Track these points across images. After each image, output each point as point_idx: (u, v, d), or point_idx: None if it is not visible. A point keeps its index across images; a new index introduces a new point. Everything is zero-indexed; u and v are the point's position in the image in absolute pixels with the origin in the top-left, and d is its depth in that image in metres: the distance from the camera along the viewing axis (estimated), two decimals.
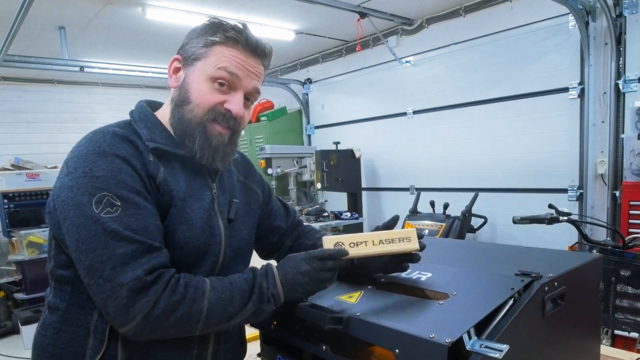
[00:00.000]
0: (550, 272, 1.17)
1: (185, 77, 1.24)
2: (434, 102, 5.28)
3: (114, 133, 1.14)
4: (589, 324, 1.42)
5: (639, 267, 2.13)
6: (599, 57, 3.90)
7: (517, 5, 4.46)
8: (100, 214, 1.04)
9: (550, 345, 1.18)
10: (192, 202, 1.22)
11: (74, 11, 4.43)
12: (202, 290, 1.10)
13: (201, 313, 1.09)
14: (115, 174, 1.08)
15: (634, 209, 3.46)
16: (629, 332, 2.31)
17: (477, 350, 0.92)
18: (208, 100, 1.21)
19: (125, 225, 1.06)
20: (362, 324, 1.08)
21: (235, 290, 1.14)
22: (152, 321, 1.04)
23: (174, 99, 1.25)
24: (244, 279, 1.17)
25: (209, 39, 1.21)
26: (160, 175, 1.17)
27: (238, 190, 1.42)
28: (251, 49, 1.23)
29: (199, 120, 1.21)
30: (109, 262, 1.03)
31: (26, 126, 6.91)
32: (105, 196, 1.06)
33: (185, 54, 1.24)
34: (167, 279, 1.07)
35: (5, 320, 5.68)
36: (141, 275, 1.03)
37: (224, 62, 1.20)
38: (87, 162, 1.08)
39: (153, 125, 1.24)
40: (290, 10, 4.74)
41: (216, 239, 1.26)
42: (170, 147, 1.21)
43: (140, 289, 1.03)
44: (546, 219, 2.37)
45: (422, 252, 1.27)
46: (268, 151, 5.94)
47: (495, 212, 4.78)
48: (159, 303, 1.04)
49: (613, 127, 3.85)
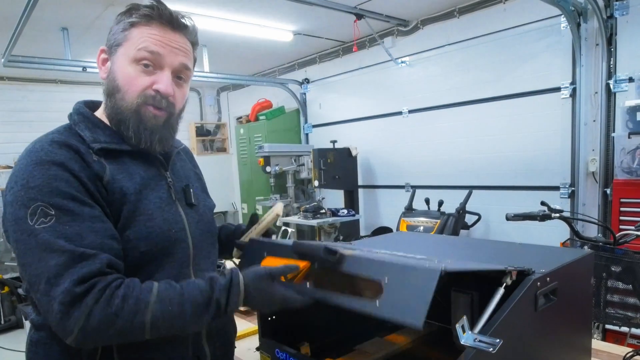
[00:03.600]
0: (543, 267, 1.17)
1: (112, 65, 1.21)
2: (429, 102, 5.29)
3: (52, 140, 1.11)
4: (581, 318, 1.42)
5: (630, 263, 2.09)
6: (590, 57, 3.92)
7: (510, 6, 4.49)
8: (35, 225, 1.01)
9: (543, 339, 1.18)
10: (148, 192, 1.20)
11: (76, 12, 4.43)
12: (145, 302, 1.04)
13: (144, 325, 1.03)
14: (50, 181, 1.04)
15: (624, 206, 3.48)
16: (619, 327, 2.32)
17: (471, 344, 0.91)
18: (136, 84, 1.18)
19: (58, 234, 1.01)
20: (355, 259, 1.08)
21: (187, 304, 1.07)
22: (90, 333, 0.99)
23: (105, 90, 1.23)
24: (199, 290, 1.10)
25: (126, 21, 1.19)
26: (107, 174, 1.14)
27: (193, 177, 1.43)
28: (168, 22, 1.20)
29: (130, 106, 1.18)
30: (43, 275, 0.99)
31: (29, 125, 6.90)
32: (39, 207, 1.02)
33: (109, 43, 1.22)
34: (101, 288, 1.01)
35: (9, 315, 5.72)
36: (69, 288, 0.98)
37: (143, 42, 1.17)
38: (25, 174, 1.05)
39: (94, 125, 1.20)
40: (289, 11, 4.75)
41: (179, 225, 1.24)
42: (115, 145, 1.19)
43: (70, 302, 0.98)
44: (538, 216, 2.35)
45: (417, 248, 1.29)
46: (267, 149, 5.96)
47: (488, 209, 4.80)
48: (93, 316, 0.99)
49: (604, 126, 3.87)
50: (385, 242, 1.78)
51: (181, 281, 1.15)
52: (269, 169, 5.98)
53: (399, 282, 0.97)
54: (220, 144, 8.92)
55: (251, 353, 1.63)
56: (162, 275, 1.17)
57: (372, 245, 1.65)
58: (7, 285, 5.86)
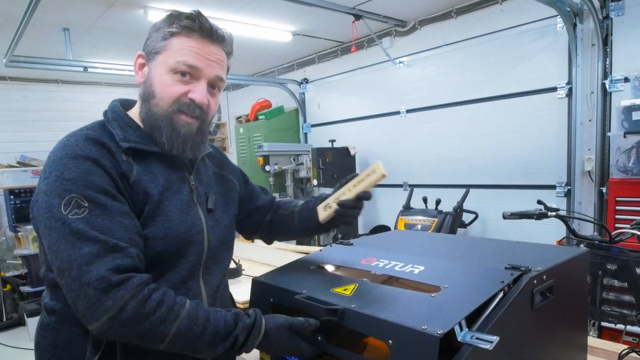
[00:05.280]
0: (539, 265, 1.17)
1: (149, 71, 1.24)
2: (426, 101, 5.32)
3: (86, 136, 1.15)
4: (577, 316, 1.43)
5: (625, 261, 2.10)
6: (586, 57, 3.95)
7: (507, 7, 4.51)
8: (68, 215, 1.05)
9: (539, 336, 1.19)
10: (170, 195, 1.22)
11: (78, 13, 4.45)
12: (176, 315, 1.08)
13: (166, 336, 1.07)
14: (84, 175, 1.09)
15: (620, 204, 3.48)
16: (615, 324, 2.31)
17: (468, 342, 0.93)
18: (171, 92, 1.21)
19: (91, 225, 1.05)
20: (356, 315, 1.08)
21: (210, 329, 1.11)
22: (117, 325, 1.03)
23: (141, 94, 1.26)
24: (224, 321, 1.14)
25: (166, 31, 1.21)
26: (133, 174, 1.17)
27: (215, 182, 1.43)
28: (207, 34, 1.23)
29: (164, 113, 1.22)
30: (76, 261, 1.03)
31: (32, 124, 6.93)
32: (73, 198, 1.06)
33: (147, 49, 1.25)
34: (137, 285, 1.05)
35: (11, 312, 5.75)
36: (105, 275, 1.02)
37: (182, 55, 1.20)
38: (59, 166, 1.09)
39: (126, 125, 1.24)
40: (288, 12, 4.77)
41: (197, 228, 1.26)
42: (144, 145, 1.22)
43: (105, 289, 1.01)
44: (535, 215, 2.36)
45: (415, 246, 1.29)
46: (266, 149, 5.98)
47: (485, 207, 4.82)
48: (126, 310, 1.02)
49: (600, 126, 3.89)
50: (384, 240, 1.79)
51: (188, 283, 1.20)
52: (268, 168, 6.00)
53: (402, 346, 0.98)
54: (220, 143, 8.92)
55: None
56: (172, 275, 1.20)
57: (371, 244, 1.67)
58: (9, 283, 5.88)
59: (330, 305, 1.12)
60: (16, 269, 6.28)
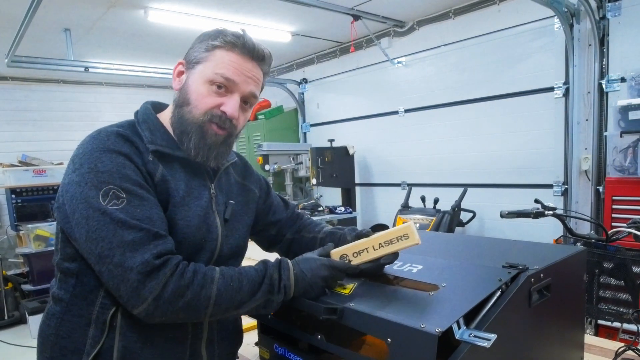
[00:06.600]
0: (536, 264, 1.18)
1: (187, 79, 1.27)
2: (424, 101, 5.33)
3: (117, 133, 1.18)
4: (574, 314, 1.43)
5: (622, 259, 2.13)
6: (583, 58, 3.97)
7: (504, 8, 4.53)
8: (107, 205, 1.08)
9: (536, 334, 1.19)
10: (190, 200, 1.25)
11: (78, 14, 4.46)
12: (211, 278, 1.13)
13: (209, 299, 1.12)
14: (119, 168, 1.12)
15: (616, 203, 3.50)
16: (611, 322, 2.33)
17: (466, 340, 0.93)
18: (206, 102, 1.24)
19: (131, 215, 1.09)
20: (355, 314, 1.08)
21: (245, 280, 1.17)
22: (162, 303, 1.07)
23: (176, 100, 1.29)
24: (254, 269, 1.21)
25: (210, 43, 1.25)
26: (158, 175, 1.20)
27: (235, 192, 1.45)
28: (249, 52, 1.26)
29: (196, 121, 1.24)
30: (118, 248, 1.06)
31: (33, 124, 6.93)
32: (111, 189, 1.09)
33: (189, 58, 1.28)
34: (175, 263, 1.10)
35: (13, 310, 5.76)
36: (149, 260, 1.06)
37: (221, 68, 1.23)
38: (92, 159, 1.12)
39: (155, 128, 1.27)
40: (287, 12, 4.78)
41: (213, 235, 1.29)
42: (170, 149, 1.25)
43: (149, 272, 1.06)
44: (532, 214, 2.36)
45: (414, 248, 1.22)
46: (265, 148, 5.98)
47: (483, 206, 4.84)
48: (168, 286, 1.07)
49: (596, 125, 3.91)
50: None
51: None
52: (267, 167, 5.99)
53: (401, 344, 0.99)
54: None
55: (250, 348, 1.63)
56: None
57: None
58: (10, 281, 5.90)
59: (330, 304, 1.14)
60: (17, 268, 6.31)
